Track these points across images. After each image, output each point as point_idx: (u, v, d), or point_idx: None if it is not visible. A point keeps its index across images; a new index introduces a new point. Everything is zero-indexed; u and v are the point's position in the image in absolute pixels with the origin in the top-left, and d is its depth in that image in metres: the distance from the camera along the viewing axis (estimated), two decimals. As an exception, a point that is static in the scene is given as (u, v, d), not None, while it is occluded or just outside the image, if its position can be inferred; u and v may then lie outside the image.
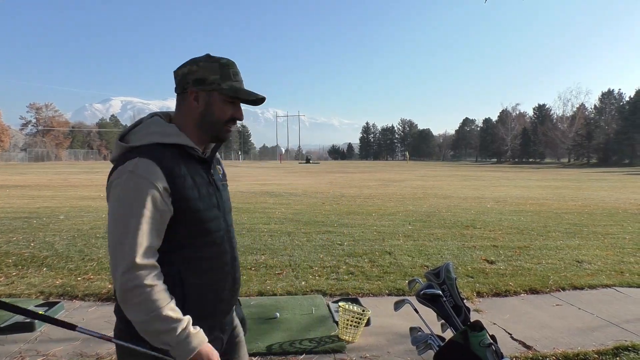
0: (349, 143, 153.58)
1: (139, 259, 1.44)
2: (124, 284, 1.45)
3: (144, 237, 1.47)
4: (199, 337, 1.52)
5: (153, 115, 1.73)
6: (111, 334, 1.76)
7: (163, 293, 1.48)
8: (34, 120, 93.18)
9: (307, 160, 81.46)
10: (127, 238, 1.45)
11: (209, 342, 1.56)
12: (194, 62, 1.64)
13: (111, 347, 3.79)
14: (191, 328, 1.51)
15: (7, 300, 4.82)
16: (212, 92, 1.64)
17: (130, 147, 1.58)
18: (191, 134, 1.65)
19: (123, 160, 1.55)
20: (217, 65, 1.64)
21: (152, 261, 1.49)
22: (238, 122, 1.76)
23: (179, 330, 1.47)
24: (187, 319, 1.51)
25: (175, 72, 1.69)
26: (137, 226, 1.46)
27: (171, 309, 1.48)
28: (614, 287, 5.62)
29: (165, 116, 1.73)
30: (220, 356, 1.60)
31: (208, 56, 1.66)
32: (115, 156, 1.62)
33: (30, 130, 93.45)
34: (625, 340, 3.99)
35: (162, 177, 1.50)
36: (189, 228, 1.59)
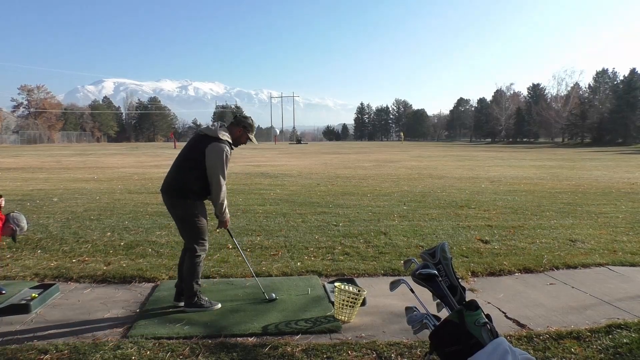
0: (344, 124, 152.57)
1: (224, 181, 4.06)
2: (220, 190, 4.04)
3: (226, 173, 4.09)
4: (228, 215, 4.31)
5: (222, 125, 4.18)
6: (107, 314, 4.12)
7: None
8: (25, 103, 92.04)
9: (298, 141, 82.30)
10: (224, 174, 4.05)
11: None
12: (249, 117, 4.36)
13: (107, 329, 3.80)
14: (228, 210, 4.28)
15: (2, 282, 4.81)
16: (244, 132, 4.26)
17: (220, 138, 4.03)
18: (233, 140, 4.22)
19: (218, 141, 4.02)
20: (252, 127, 4.32)
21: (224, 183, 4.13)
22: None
23: (227, 209, 4.25)
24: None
25: (239, 114, 5.05)
26: (225, 170, 4.04)
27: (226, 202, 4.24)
28: (607, 266, 5.67)
29: (225, 126, 4.20)
30: None
31: (251, 119, 4.35)
32: (214, 136, 4.02)
33: (22, 112, 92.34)
34: (618, 318, 4.03)
35: (229, 153, 4.05)
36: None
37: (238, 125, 4.21)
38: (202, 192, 4.13)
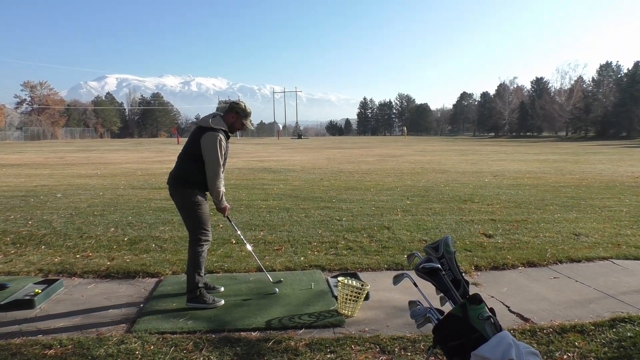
0: (347, 118, 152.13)
1: (220, 169, 4.17)
2: (216, 178, 4.15)
3: (221, 161, 4.18)
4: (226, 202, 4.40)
5: (216, 115, 4.28)
6: (111, 309, 4.08)
7: (222, 183, 4.29)
8: (28, 99, 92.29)
9: (299, 136, 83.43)
10: (218, 161, 4.14)
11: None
12: (241, 102, 4.36)
13: (111, 324, 3.81)
14: (225, 198, 4.39)
15: (7, 278, 4.83)
16: (238, 117, 4.29)
17: (213, 128, 4.13)
18: (228, 127, 4.29)
19: (212, 131, 4.11)
20: (245, 112, 4.32)
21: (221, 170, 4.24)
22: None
23: (224, 197, 4.33)
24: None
25: (232, 102, 4.35)
26: (219, 158, 4.14)
27: (223, 189, 4.34)
28: (610, 260, 5.65)
29: (219, 115, 4.28)
30: None
31: (243, 103, 4.36)
32: (208, 126, 4.13)
33: (25, 108, 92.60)
34: (622, 312, 4.02)
35: (224, 141, 4.18)
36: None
37: (231, 111, 4.32)
38: (202, 183, 4.24)
